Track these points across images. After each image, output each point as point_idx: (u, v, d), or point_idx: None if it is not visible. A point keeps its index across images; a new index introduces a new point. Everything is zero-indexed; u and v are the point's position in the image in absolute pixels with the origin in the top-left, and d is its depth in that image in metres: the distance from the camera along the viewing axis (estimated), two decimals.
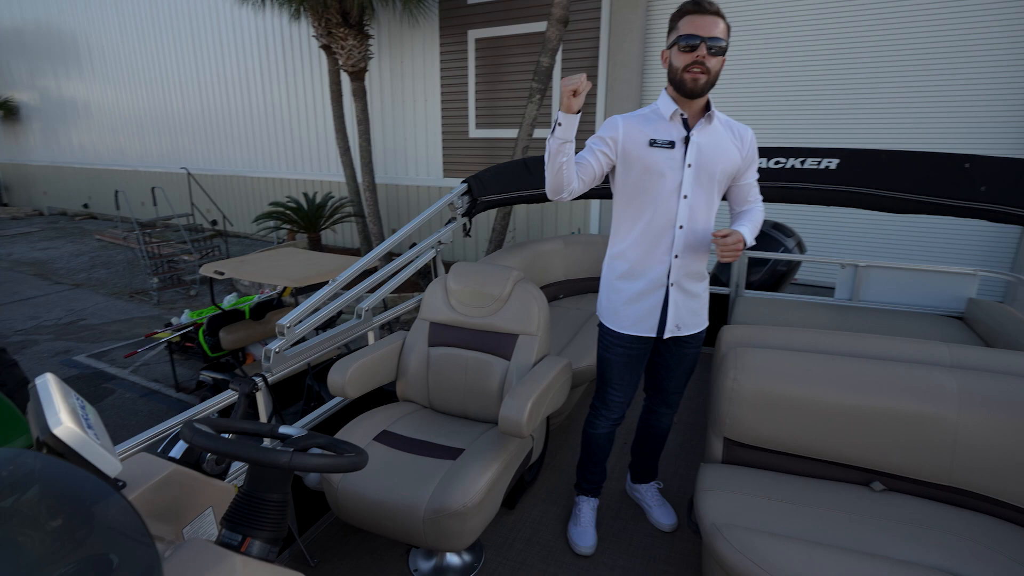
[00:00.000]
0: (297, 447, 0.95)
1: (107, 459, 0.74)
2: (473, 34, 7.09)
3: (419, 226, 2.64)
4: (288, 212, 7.12)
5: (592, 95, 6.52)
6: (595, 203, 6.84)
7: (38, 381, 0.79)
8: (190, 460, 0.98)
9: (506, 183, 2.81)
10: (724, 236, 1.56)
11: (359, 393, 1.98)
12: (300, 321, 1.98)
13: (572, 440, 2.62)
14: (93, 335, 5.55)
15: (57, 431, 0.71)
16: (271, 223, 7.46)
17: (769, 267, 3.62)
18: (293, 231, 8.43)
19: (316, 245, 7.24)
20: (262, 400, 1.84)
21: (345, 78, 7.43)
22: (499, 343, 2.06)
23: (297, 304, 3.43)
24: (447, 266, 2.92)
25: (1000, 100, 4.94)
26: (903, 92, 5.25)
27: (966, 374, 1.64)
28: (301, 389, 3.58)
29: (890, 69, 5.26)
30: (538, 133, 6.73)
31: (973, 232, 5.23)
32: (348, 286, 2.28)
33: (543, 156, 2.81)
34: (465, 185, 2.84)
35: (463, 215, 2.86)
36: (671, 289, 1.76)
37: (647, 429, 2.09)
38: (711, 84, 1.58)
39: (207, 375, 3.88)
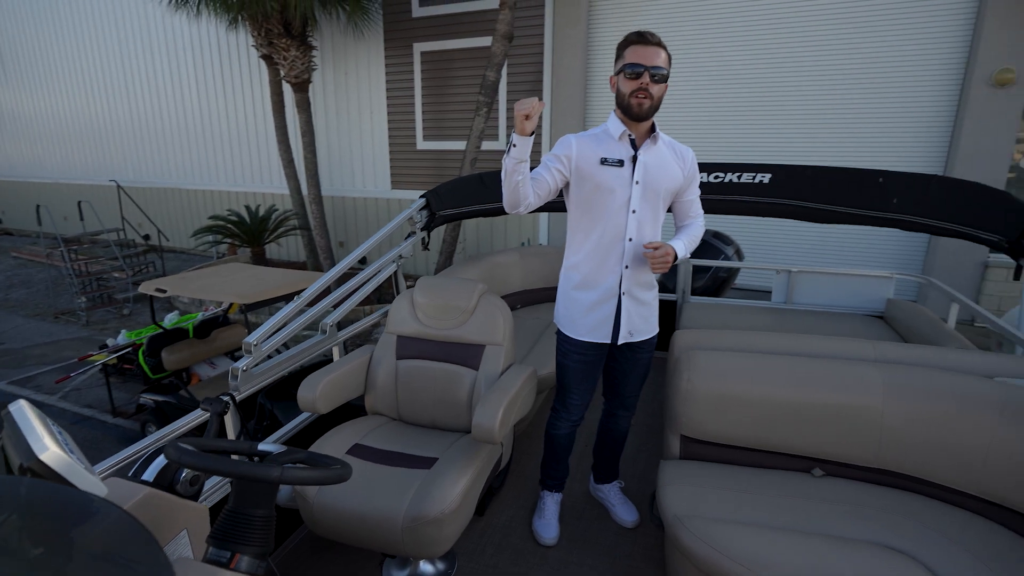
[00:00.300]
0: (281, 463, 0.97)
1: (94, 483, 0.75)
2: (419, 47, 7.13)
3: (380, 241, 2.66)
4: (230, 226, 6.90)
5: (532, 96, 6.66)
6: (543, 215, 6.99)
7: (12, 408, 0.78)
8: (163, 483, 0.97)
9: (463, 197, 2.88)
10: (655, 248, 1.70)
11: (330, 408, 1.99)
12: (267, 338, 1.97)
13: (535, 446, 2.68)
14: (14, 360, 5.18)
15: (44, 457, 0.71)
16: (211, 237, 7.20)
17: (711, 274, 3.85)
18: (235, 245, 8.15)
19: (260, 260, 7.04)
20: (229, 419, 1.81)
21: (287, 88, 7.29)
22: (466, 354, 2.11)
23: (247, 321, 3.36)
24: (404, 279, 2.95)
25: (913, 120, 5.43)
26: (825, 112, 5.68)
27: (889, 368, 1.80)
28: (251, 409, 3.49)
29: (813, 92, 5.68)
30: (486, 145, 6.82)
31: (889, 239, 5.71)
32: (312, 302, 2.29)
33: (498, 171, 2.88)
34: (423, 200, 2.89)
35: (422, 229, 2.90)
36: (623, 298, 1.87)
37: (607, 432, 2.20)
38: (655, 108, 1.73)
39: (148, 398, 3.74)
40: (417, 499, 1.62)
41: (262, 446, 1.04)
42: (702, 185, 2.61)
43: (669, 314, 3.63)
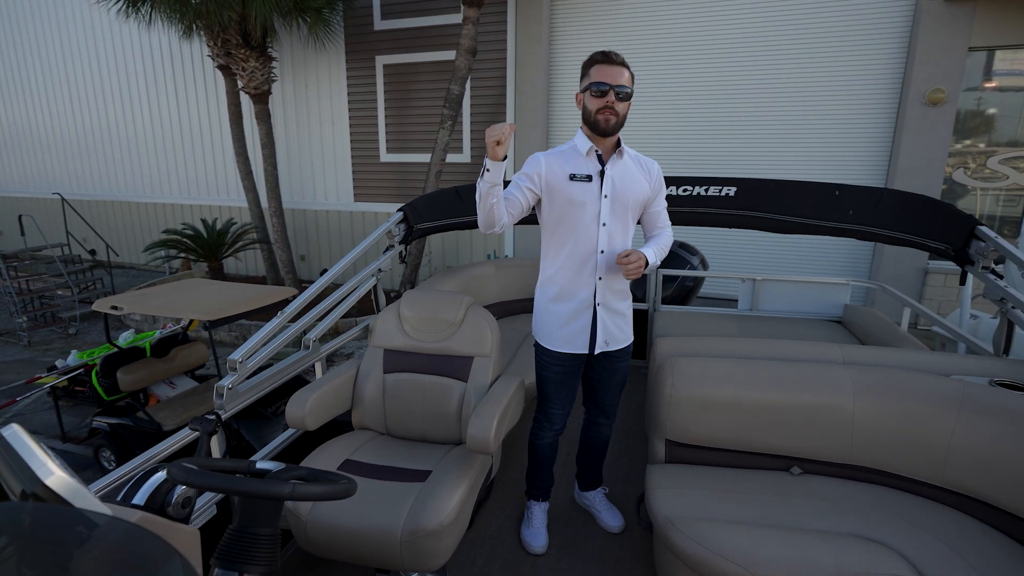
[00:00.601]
0: (284, 480, 0.96)
1: (100, 506, 0.72)
2: (381, 60, 7.12)
3: (358, 256, 2.63)
4: (185, 240, 6.67)
5: (502, 122, 6.75)
6: (508, 229, 7.04)
7: (5, 433, 0.74)
8: (154, 506, 0.94)
9: (439, 211, 2.90)
10: (626, 256, 1.76)
11: (318, 424, 1.97)
12: (252, 355, 1.93)
13: (518, 456, 2.70)
14: None
15: (50, 481, 0.69)
16: (165, 252, 6.95)
17: (678, 283, 3.98)
18: (189, 260, 7.88)
19: (218, 275, 6.82)
20: (214, 439, 1.77)
21: (246, 100, 7.15)
22: (455, 366, 2.13)
23: (212, 339, 3.26)
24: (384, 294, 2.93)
25: (857, 135, 5.76)
26: (775, 128, 5.97)
27: (857, 369, 1.90)
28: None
29: (764, 109, 5.96)
30: (451, 158, 6.85)
31: (839, 248, 6.01)
32: (294, 318, 2.26)
33: (474, 184, 2.93)
34: (401, 213, 2.91)
35: (400, 242, 2.91)
36: (598, 308, 1.92)
37: (589, 440, 2.23)
38: (620, 124, 1.79)
39: (102, 421, 3.56)
40: (414, 512, 1.62)
41: (260, 464, 1.03)
42: (671, 198, 2.70)
43: (641, 323, 3.73)
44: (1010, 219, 5.56)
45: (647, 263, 1.82)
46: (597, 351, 1.96)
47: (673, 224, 2.73)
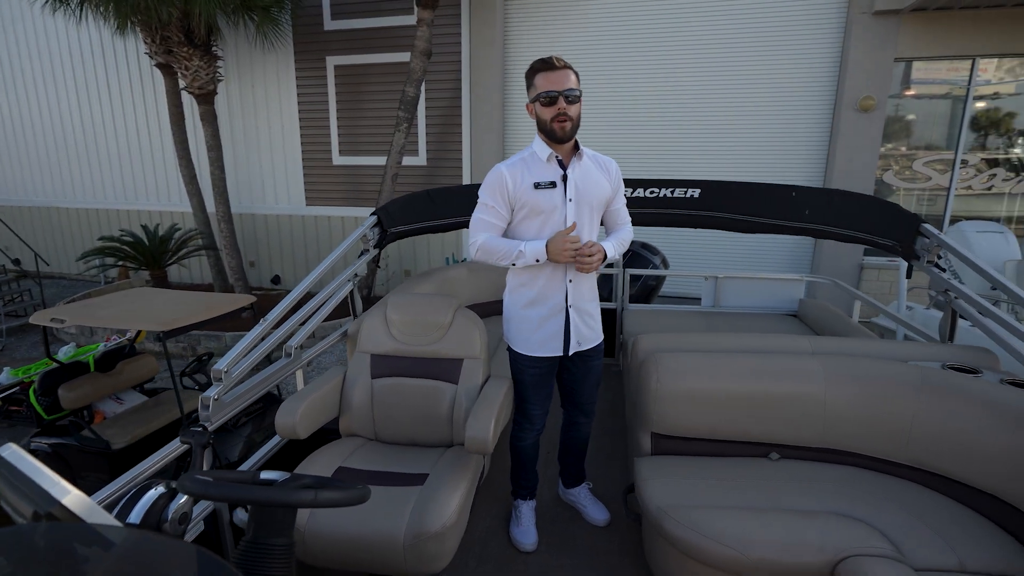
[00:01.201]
0: (299, 488, 0.94)
1: (113, 522, 0.69)
2: (332, 60, 6.97)
3: (335, 262, 2.59)
4: (125, 247, 6.31)
5: (457, 127, 6.75)
6: (466, 233, 7.04)
7: (5, 454, 0.70)
8: (151, 523, 0.90)
9: (412, 214, 2.89)
10: (589, 247, 1.80)
11: (309, 432, 1.94)
12: (237, 364, 1.89)
13: (501, 458, 2.71)
14: None
15: (66, 501, 0.65)
16: (102, 260, 6.55)
17: (641, 282, 4.10)
18: (127, 268, 7.45)
19: (162, 283, 6.49)
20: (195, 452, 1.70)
21: (187, 100, 6.85)
22: (445, 369, 2.13)
23: (167, 350, 3.11)
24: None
25: (797, 139, 6.08)
26: (720, 131, 6.23)
27: (825, 359, 2.02)
28: (167, 441, 3.23)
29: (710, 113, 6.21)
30: (407, 161, 6.78)
31: (783, 246, 6.33)
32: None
33: (446, 187, 2.85)
34: (375, 217, 2.88)
35: (375, 246, 2.88)
36: (570, 311, 1.96)
37: (570, 439, 2.27)
38: (576, 127, 1.83)
39: (42, 443, 3.33)
40: (416, 515, 1.62)
41: (265, 474, 1.00)
42: (639, 200, 2.79)
43: (609, 322, 3.82)
44: (932, 217, 6.02)
45: (605, 256, 1.86)
46: (572, 352, 2.00)
47: (640, 224, 2.82)
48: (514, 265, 1.86)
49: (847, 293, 3.41)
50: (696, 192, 2.71)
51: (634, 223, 2.79)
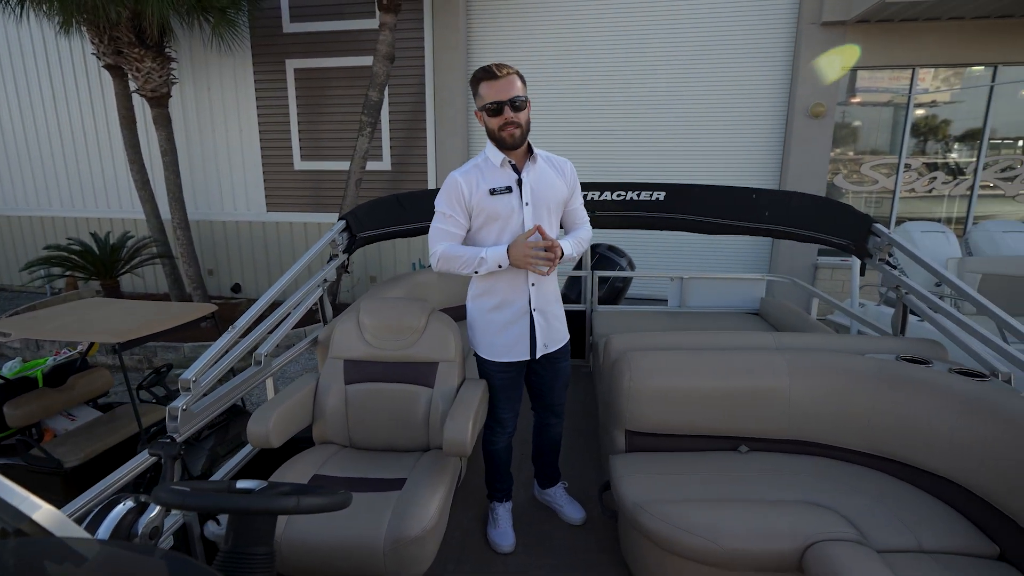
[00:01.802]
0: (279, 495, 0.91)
1: (85, 536, 0.66)
2: (292, 64, 6.84)
3: (304, 268, 2.56)
4: (73, 256, 6.03)
5: (422, 131, 6.72)
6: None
7: None
8: (120, 538, 0.86)
9: (381, 218, 2.86)
10: (547, 246, 1.79)
11: (283, 441, 1.90)
12: (205, 373, 1.84)
13: (475, 461, 2.69)
14: None
15: (38, 516, 0.62)
16: (51, 270, 6.24)
17: (608, 284, 4.18)
18: (74, 279, 7.11)
19: (113, 293, 6.22)
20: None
21: (139, 102, 6.60)
22: (420, 372, 2.12)
23: (123, 363, 2.98)
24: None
25: (753, 143, 6.30)
26: (678, 135, 6.40)
27: (789, 354, 2.10)
28: (124, 458, 3.10)
29: (669, 117, 6.38)
30: (371, 166, 6.71)
31: (740, 247, 6.53)
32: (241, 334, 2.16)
33: (415, 192, 2.85)
34: (343, 222, 2.84)
35: (343, 251, 2.83)
36: (534, 314, 1.96)
37: (542, 440, 2.29)
38: (526, 132, 1.83)
39: None
40: (396, 520, 1.61)
41: (241, 483, 0.98)
42: (605, 203, 2.84)
43: (579, 323, 3.87)
44: (879, 218, 6.32)
45: (562, 254, 1.85)
46: (539, 355, 2.01)
47: (606, 227, 2.88)
48: (477, 273, 1.86)
49: (805, 291, 3.55)
50: (661, 195, 2.79)
51: (601, 226, 2.85)
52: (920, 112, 6.07)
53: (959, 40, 5.62)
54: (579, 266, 4.03)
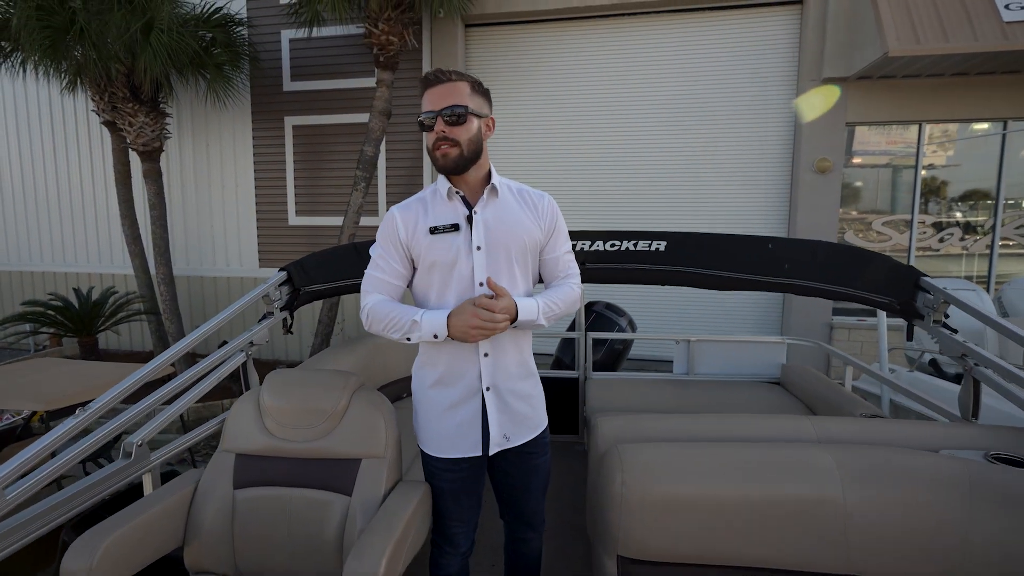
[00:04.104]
0: None
1: None
2: (291, 121, 6.84)
3: (222, 324, 2.18)
4: (50, 312, 5.79)
5: (419, 186, 6.61)
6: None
7: None
8: None
9: (334, 271, 2.51)
10: (488, 302, 1.35)
11: None
12: (12, 482, 1.35)
13: None
14: None
15: None
16: (25, 327, 5.99)
17: (607, 346, 3.79)
18: (57, 336, 6.86)
19: (91, 351, 5.94)
20: None
21: (135, 158, 6.56)
22: (335, 473, 1.61)
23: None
24: (265, 372, 2.47)
25: (759, 197, 6.11)
26: (684, 187, 6.23)
27: (837, 449, 1.54)
28: None
29: (673, 168, 6.24)
30: (365, 221, 6.55)
31: (748, 304, 6.21)
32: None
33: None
34: (284, 274, 2.47)
35: (282, 309, 2.46)
36: (487, 395, 1.47)
37: (515, 560, 1.77)
38: (470, 156, 1.40)
39: None
40: None
41: None
42: (599, 254, 2.48)
43: (572, 392, 3.42)
44: None
45: (514, 317, 1.39)
46: (493, 451, 1.50)
47: (601, 281, 2.47)
48: (409, 340, 1.42)
49: (833, 356, 3.06)
50: (662, 245, 2.42)
51: (595, 280, 2.47)
52: (929, 168, 5.88)
53: (965, 95, 5.50)
54: (572, 327, 3.64)
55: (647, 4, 5.95)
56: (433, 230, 1.44)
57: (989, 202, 5.81)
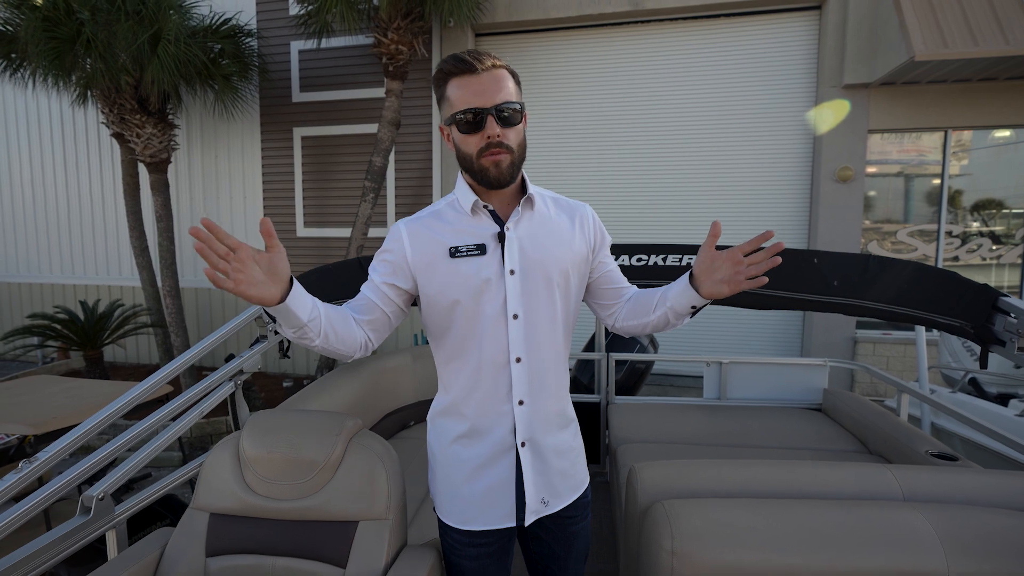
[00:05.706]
0: None
1: None
2: (299, 132, 6.78)
3: (214, 346, 2.02)
4: (55, 326, 5.72)
5: (428, 197, 6.50)
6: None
7: None
8: None
9: (337, 287, 2.32)
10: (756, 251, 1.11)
11: None
12: None
13: None
14: None
15: None
16: (32, 340, 5.93)
17: (628, 367, 3.57)
18: (64, 349, 6.81)
19: (96, 365, 5.85)
20: None
21: (144, 169, 6.52)
22: (327, 539, 1.34)
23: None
24: (268, 386, 2.32)
25: (779, 207, 5.92)
26: (705, 196, 6.06)
27: (935, 509, 1.31)
28: None
29: (694, 178, 6.07)
30: (373, 232, 6.46)
31: (766, 322, 6.00)
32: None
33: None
34: None
35: (277, 332, 2.32)
36: (521, 452, 1.21)
37: None
38: (520, 161, 1.15)
39: None
40: None
41: None
42: (625, 269, 2.28)
43: (593, 418, 3.18)
44: None
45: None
46: (529, 521, 1.23)
47: None
48: (279, 329, 1.15)
49: (878, 378, 2.76)
50: (692, 259, 2.21)
51: None
52: (957, 177, 5.67)
53: (993, 101, 5.30)
54: (591, 347, 3.41)
55: (660, 11, 5.82)
56: (454, 252, 1.17)
57: (1020, 211, 5.58)
